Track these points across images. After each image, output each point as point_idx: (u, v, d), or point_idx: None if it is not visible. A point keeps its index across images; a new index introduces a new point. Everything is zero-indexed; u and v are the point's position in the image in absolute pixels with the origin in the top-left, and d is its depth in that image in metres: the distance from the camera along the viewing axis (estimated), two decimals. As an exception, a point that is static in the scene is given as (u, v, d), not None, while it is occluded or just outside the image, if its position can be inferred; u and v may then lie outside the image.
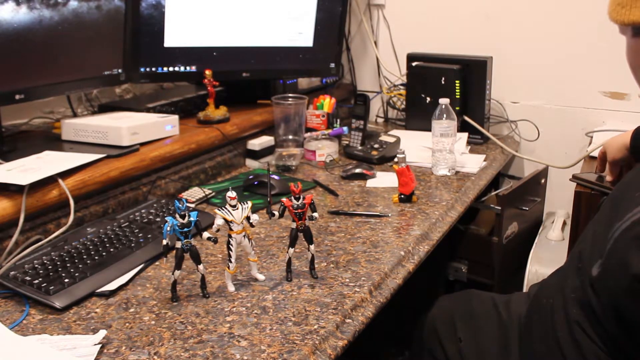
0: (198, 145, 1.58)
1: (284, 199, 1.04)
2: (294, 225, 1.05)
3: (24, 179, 1.14)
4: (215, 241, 1.01)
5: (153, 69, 1.75)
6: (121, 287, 1.06)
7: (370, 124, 2.06)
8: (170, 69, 1.78)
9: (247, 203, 1.02)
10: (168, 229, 0.96)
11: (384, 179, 1.61)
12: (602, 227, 0.93)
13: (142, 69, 1.73)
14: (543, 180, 1.99)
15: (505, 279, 1.75)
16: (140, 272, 1.11)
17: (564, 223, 1.85)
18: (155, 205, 1.35)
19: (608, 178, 1.35)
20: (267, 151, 1.78)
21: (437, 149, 1.64)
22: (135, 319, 0.96)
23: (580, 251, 0.98)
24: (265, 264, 1.14)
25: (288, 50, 1.92)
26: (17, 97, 1.33)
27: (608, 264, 0.84)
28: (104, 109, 1.69)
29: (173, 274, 1.00)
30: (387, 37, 2.27)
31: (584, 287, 0.90)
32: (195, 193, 1.48)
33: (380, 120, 2.31)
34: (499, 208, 1.70)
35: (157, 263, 1.15)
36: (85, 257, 1.10)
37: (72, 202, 1.21)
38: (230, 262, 1.02)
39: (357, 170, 1.63)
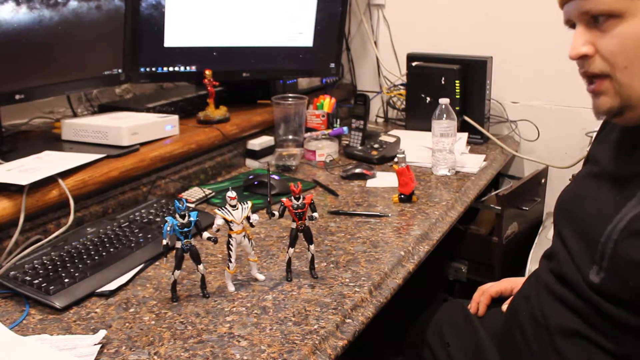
0: (198, 145, 1.58)
1: (284, 199, 1.04)
2: (294, 225, 1.05)
3: (24, 179, 1.14)
4: (215, 241, 1.01)
5: (153, 69, 1.75)
6: (121, 287, 1.06)
7: (370, 124, 2.05)
8: (170, 69, 1.78)
9: (247, 203, 1.02)
10: (168, 229, 0.96)
11: (384, 179, 1.61)
12: (575, 241, 0.95)
13: (142, 69, 1.73)
14: (543, 180, 1.99)
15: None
16: (140, 272, 1.11)
17: (564, 223, 1.85)
18: (155, 205, 1.35)
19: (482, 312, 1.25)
20: (267, 151, 1.78)
21: (437, 149, 1.64)
22: (135, 319, 0.96)
23: (556, 267, 0.99)
24: (265, 264, 1.14)
25: (288, 50, 1.92)
26: (17, 97, 1.33)
27: (613, 267, 0.86)
28: (104, 109, 1.70)
29: (173, 274, 1.00)
30: (387, 37, 2.27)
31: (584, 296, 0.91)
32: (195, 193, 1.48)
33: (380, 120, 2.31)
34: (499, 208, 1.70)
35: (157, 263, 1.15)
36: (85, 257, 1.10)
37: (72, 202, 1.21)
38: (230, 262, 1.02)
39: (357, 170, 1.63)
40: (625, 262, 0.85)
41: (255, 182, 1.53)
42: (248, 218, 1.02)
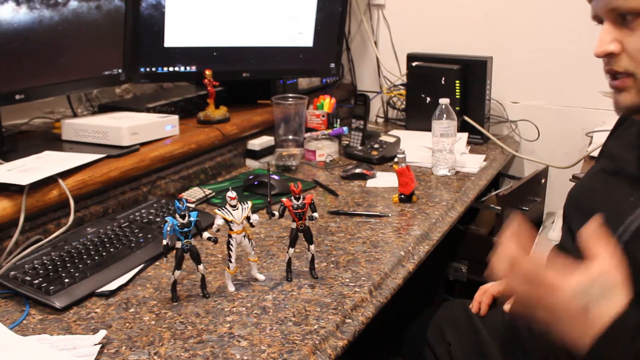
0: (198, 145, 1.58)
1: (284, 199, 1.04)
2: (294, 225, 1.05)
3: (24, 179, 1.14)
4: (215, 241, 1.01)
5: (153, 69, 1.75)
6: (121, 287, 1.06)
7: (370, 124, 2.05)
8: (170, 69, 1.78)
9: (247, 203, 1.02)
10: (168, 229, 0.96)
11: (384, 179, 1.61)
12: None
13: (142, 69, 1.73)
14: (543, 180, 1.99)
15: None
16: (140, 272, 1.11)
17: (564, 223, 1.85)
18: (155, 205, 1.35)
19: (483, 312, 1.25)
20: (267, 151, 1.78)
21: (437, 149, 1.64)
22: (135, 319, 0.96)
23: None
24: (265, 264, 1.14)
25: (288, 50, 1.92)
26: (17, 97, 1.33)
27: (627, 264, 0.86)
28: (104, 109, 1.69)
29: (173, 274, 1.00)
30: (387, 37, 2.27)
31: None
32: (195, 193, 1.48)
33: (380, 120, 2.31)
34: (499, 208, 1.70)
35: (157, 263, 1.15)
36: (85, 257, 1.10)
37: (72, 202, 1.21)
38: (230, 262, 1.02)
39: (357, 170, 1.63)
40: (633, 265, 0.83)
41: (255, 182, 1.53)
42: (248, 218, 1.02)
